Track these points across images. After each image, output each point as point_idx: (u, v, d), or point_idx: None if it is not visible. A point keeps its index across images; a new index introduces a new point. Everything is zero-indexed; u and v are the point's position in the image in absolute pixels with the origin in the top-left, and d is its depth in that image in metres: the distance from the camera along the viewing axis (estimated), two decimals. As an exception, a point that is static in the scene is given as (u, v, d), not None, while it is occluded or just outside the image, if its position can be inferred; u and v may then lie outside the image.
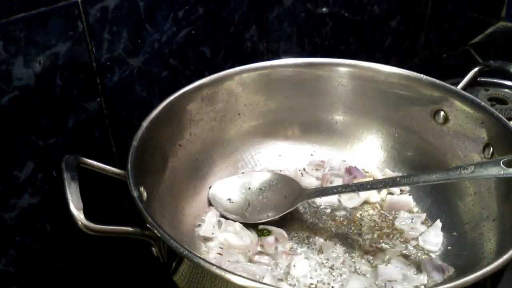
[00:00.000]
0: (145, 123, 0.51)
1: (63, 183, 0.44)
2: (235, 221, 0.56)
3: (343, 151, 0.65)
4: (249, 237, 0.54)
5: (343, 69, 0.62)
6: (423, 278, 0.50)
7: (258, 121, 0.64)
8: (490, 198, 0.52)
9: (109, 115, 0.55)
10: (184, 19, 0.57)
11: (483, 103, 0.54)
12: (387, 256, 0.53)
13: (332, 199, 0.60)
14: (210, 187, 0.59)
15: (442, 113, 0.58)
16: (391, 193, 0.61)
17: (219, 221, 0.56)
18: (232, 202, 0.58)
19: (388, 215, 0.58)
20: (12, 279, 0.53)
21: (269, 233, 0.55)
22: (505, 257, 0.39)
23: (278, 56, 0.71)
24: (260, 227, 0.56)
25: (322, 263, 0.52)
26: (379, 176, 0.63)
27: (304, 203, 0.59)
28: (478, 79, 0.75)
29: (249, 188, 0.60)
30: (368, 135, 0.64)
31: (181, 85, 0.57)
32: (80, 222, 0.42)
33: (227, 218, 0.56)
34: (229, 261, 0.51)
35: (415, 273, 0.51)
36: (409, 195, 0.60)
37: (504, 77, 0.82)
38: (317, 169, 0.64)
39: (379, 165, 0.64)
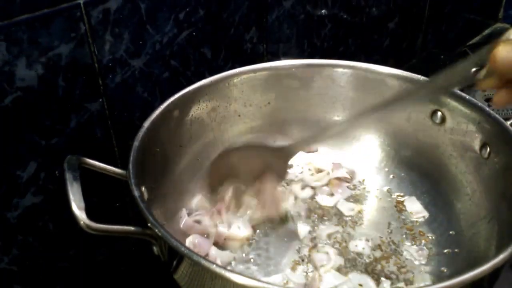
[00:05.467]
0: (146, 124, 0.51)
1: (65, 183, 0.44)
2: None
3: (342, 151, 0.66)
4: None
5: (342, 70, 0.63)
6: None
7: (258, 121, 0.64)
8: (487, 197, 0.53)
9: (111, 115, 0.55)
10: (185, 21, 0.58)
11: (480, 104, 0.55)
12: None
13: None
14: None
15: (439, 113, 0.58)
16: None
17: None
18: None
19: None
20: (15, 278, 0.53)
21: None
22: (502, 256, 0.39)
23: (277, 58, 0.71)
24: None
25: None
26: (377, 176, 0.63)
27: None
28: (476, 80, 0.75)
29: None
30: (366, 135, 0.65)
31: (182, 86, 0.57)
32: (82, 222, 0.42)
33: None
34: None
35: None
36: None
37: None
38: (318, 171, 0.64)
39: (377, 165, 0.64)
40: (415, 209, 0.59)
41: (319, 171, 0.64)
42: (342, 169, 0.64)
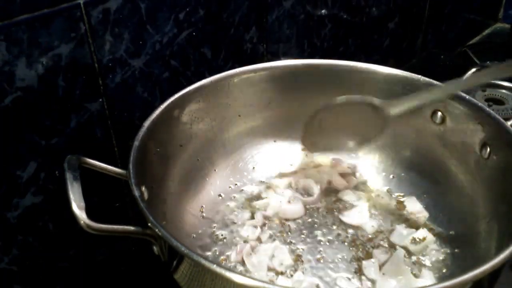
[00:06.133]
0: (146, 124, 0.51)
1: (66, 183, 0.44)
2: None
3: (342, 151, 0.66)
4: None
5: (342, 70, 0.63)
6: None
7: (258, 121, 0.64)
8: (486, 198, 0.53)
9: (111, 115, 0.55)
10: (185, 21, 0.58)
11: (480, 104, 0.55)
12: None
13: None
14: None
15: (439, 113, 0.58)
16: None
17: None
18: None
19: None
20: (15, 278, 0.53)
21: None
22: (502, 256, 0.39)
23: (277, 58, 0.71)
24: None
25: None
26: (377, 176, 0.64)
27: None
28: (475, 80, 0.76)
29: None
30: (366, 135, 0.65)
31: (182, 86, 0.57)
32: (82, 222, 0.42)
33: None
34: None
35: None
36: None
37: (500, 78, 0.82)
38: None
39: (377, 165, 0.64)
40: (415, 209, 0.59)
41: (319, 165, 0.64)
42: (343, 163, 0.64)
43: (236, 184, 0.62)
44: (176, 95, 0.56)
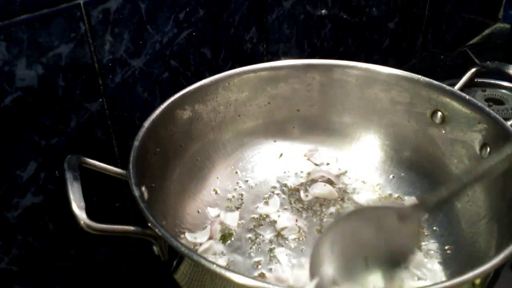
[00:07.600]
0: (146, 124, 0.51)
1: (66, 183, 0.44)
2: None
3: (341, 151, 0.66)
4: None
5: (342, 70, 0.63)
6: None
7: (258, 121, 0.64)
8: (486, 197, 0.53)
9: (111, 115, 0.55)
10: (185, 20, 0.58)
11: (480, 104, 0.55)
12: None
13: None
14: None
15: (439, 113, 0.58)
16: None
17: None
18: None
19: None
20: (15, 278, 0.53)
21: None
22: (502, 256, 0.39)
23: (277, 58, 0.71)
24: None
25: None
26: (377, 176, 0.64)
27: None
28: (475, 80, 0.76)
29: None
30: (366, 135, 0.65)
31: (182, 86, 0.57)
32: (82, 222, 0.42)
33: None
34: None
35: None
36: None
37: (500, 78, 0.82)
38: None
39: (377, 165, 0.64)
40: (415, 209, 0.59)
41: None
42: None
43: (236, 184, 0.62)
44: (176, 95, 0.56)
